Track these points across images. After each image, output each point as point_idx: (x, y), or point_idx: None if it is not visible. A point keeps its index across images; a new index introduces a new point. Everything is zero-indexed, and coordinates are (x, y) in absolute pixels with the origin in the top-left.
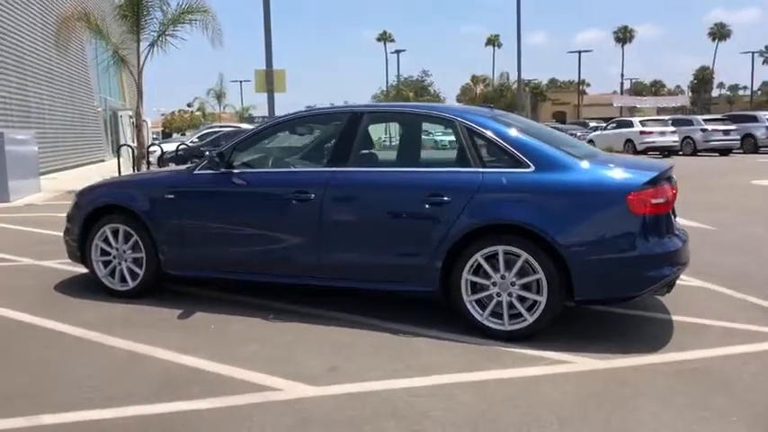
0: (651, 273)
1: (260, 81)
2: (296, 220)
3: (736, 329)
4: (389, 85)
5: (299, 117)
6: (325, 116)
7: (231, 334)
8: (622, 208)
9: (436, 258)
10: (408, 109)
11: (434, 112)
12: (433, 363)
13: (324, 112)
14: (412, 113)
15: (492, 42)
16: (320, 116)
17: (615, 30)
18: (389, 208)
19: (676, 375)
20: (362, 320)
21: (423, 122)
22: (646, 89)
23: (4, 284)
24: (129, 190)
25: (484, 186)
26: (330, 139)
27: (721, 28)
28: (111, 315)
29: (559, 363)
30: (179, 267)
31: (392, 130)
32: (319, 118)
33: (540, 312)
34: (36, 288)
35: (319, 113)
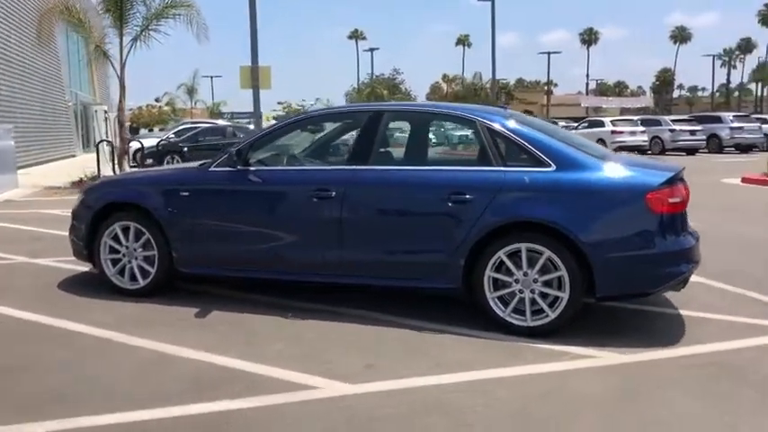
0: (669, 269)
1: (245, 77)
2: (317, 218)
3: (741, 323)
4: (361, 83)
5: (318, 115)
6: (344, 115)
7: (254, 333)
8: (642, 207)
9: (459, 255)
10: (429, 109)
11: (455, 112)
12: (461, 359)
13: (343, 110)
14: (432, 113)
15: (462, 42)
16: (339, 115)
17: (581, 32)
18: (412, 206)
19: (698, 368)
20: (382, 317)
21: (443, 122)
22: (610, 90)
23: (2, 284)
24: (142, 187)
25: (507, 185)
26: (350, 137)
27: (682, 31)
28: (124, 314)
29: (583, 357)
30: (194, 265)
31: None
32: (339, 116)
33: (563, 308)
34: (37, 287)
35: (339, 112)
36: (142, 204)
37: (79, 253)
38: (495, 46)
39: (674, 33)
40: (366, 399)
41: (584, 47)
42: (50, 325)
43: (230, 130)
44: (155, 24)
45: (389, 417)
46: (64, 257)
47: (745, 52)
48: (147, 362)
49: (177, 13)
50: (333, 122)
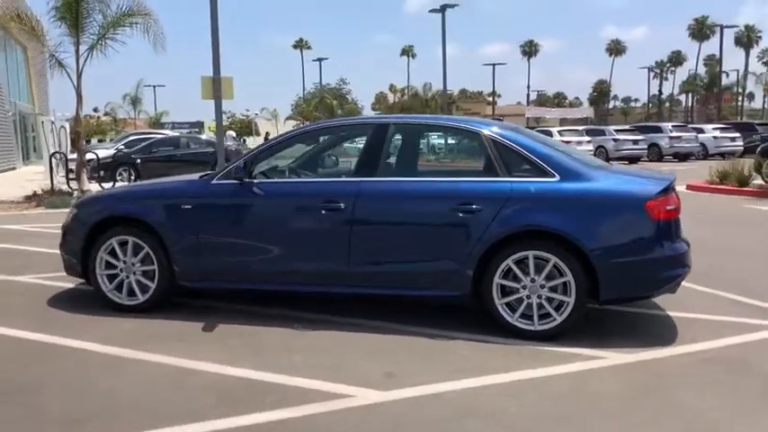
0: (667, 273)
1: (206, 88)
2: (325, 230)
3: (727, 322)
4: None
5: (323, 127)
6: (350, 127)
7: (266, 344)
8: (641, 214)
9: (469, 264)
10: (433, 121)
11: (459, 125)
12: (480, 364)
13: (349, 123)
14: (437, 125)
15: (406, 53)
16: (345, 127)
17: (522, 44)
18: (421, 216)
19: (700, 364)
20: (389, 326)
21: (447, 134)
22: (549, 101)
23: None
24: (141, 201)
25: (514, 195)
26: (355, 148)
27: (617, 44)
28: (127, 330)
29: (594, 358)
30: (198, 279)
31: (420, 142)
32: (344, 129)
33: (569, 312)
34: (28, 305)
35: (345, 124)
36: (143, 218)
37: (72, 269)
38: (445, 57)
39: (610, 46)
40: (400, 405)
41: (524, 58)
42: (54, 343)
43: (184, 141)
44: (112, 33)
45: (429, 421)
46: (45, 274)
47: (675, 65)
48: (166, 377)
49: (135, 21)
50: (338, 134)
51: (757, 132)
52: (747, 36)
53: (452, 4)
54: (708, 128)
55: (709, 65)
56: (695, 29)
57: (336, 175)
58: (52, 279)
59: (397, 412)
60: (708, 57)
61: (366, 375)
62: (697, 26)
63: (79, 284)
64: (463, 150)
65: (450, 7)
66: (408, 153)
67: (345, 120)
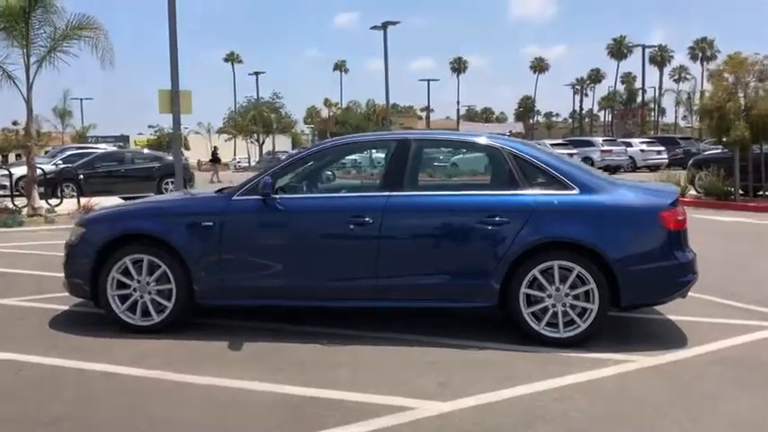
0: (680, 279)
1: (164, 101)
2: (353, 244)
3: (724, 324)
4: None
5: (346, 143)
6: (372, 142)
7: (304, 361)
8: (656, 224)
9: (496, 275)
10: (454, 137)
11: (479, 140)
12: (522, 372)
13: (371, 138)
14: (457, 140)
15: (339, 67)
16: (368, 142)
17: (451, 60)
18: (449, 229)
19: (722, 363)
20: (416, 338)
21: (467, 149)
22: (477, 116)
23: None
24: (158, 218)
25: (538, 207)
26: (378, 165)
27: (540, 62)
28: (150, 351)
29: (624, 362)
30: (219, 297)
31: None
32: (367, 144)
33: (593, 319)
34: (30, 329)
35: (367, 140)
36: (161, 236)
37: (78, 290)
38: (387, 72)
39: (534, 64)
40: (468, 414)
41: (453, 74)
42: (79, 368)
43: (129, 156)
44: (64, 46)
45: (501, 428)
46: (32, 296)
47: (595, 81)
48: (221, 399)
49: (87, 35)
50: (361, 150)
51: (680, 146)
52: (661, 55)
53: (394, 22)
54: (635, 142)
55: (627, 82)
56: (614, 48)
57: (360, 190)
58: (42, 301)
59: (469, 421)
60: (624, 74)
61: (419, 387)
62: (615, 45)
63: (74, 305)
64: (483, 165)
65: (392, 24)
66: (431, 167)
67: (368, 135)
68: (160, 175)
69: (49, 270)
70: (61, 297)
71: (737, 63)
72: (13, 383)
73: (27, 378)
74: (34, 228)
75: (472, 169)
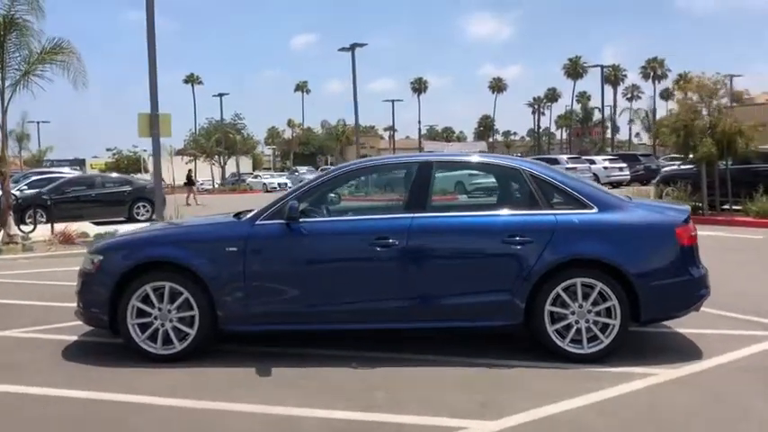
0: (696, 293)
1: (143, 125)
2: (379, 267)
3: (730, 335)
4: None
5: (367, 166)
6: (394, 165)
7: (339, 385)
8: (672, 240)
9: (521, 293)
10: (474, 159)
11: (499, 162)
12: (557, 389)
13: (394, 161)
14: (477, 163)
15: (301, 88)
16: (389, 165)
17: (412, 80)
18: (474, 250)
19: (741, 373)
20: (443, 359)
21: (487, 171)
22: (438, 135)
23: (9, 361)
24: (180, 244)
25: (559, 226)
26: (401, 186)
27: (499, 82)
28: (183, 380)
29: (648, 375)
30: (245, 323)
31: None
32: (389, 166)
33: (615, 334)
34: (44, 360)
35: (389, 163)
36: (183, 263)
37: (94, 320)
38: (356, 93)
39: (492, 84)
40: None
41: (414, 95)
42: (110, 400)
43: (99, 180)
44: (40, 69)
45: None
46: (35, 327)
47: (551, 101)
48: (274, 427)
49: (62, 59)
50: (384, 172)
51: (641, 162)
52: (614, 75)
53: (361, 44)
54: (598, 159)
55: (582, 101)
56: (570, 68)
57: (382, 212)
58: (45, 332)
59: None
60: (580, 93)
61: (462, 407)
62: (571, 65)
63: (83, 335)
64: (504, 186)
65: (359, 46)
66: (453, 189)
67: (390, 158)
68: (132, 199)
69: (42, 300)
70: (64, 327)
71: (701, 84)
72: (45, 419)
73: (59, 413)
74: (12, 256)
75: (493, 190)
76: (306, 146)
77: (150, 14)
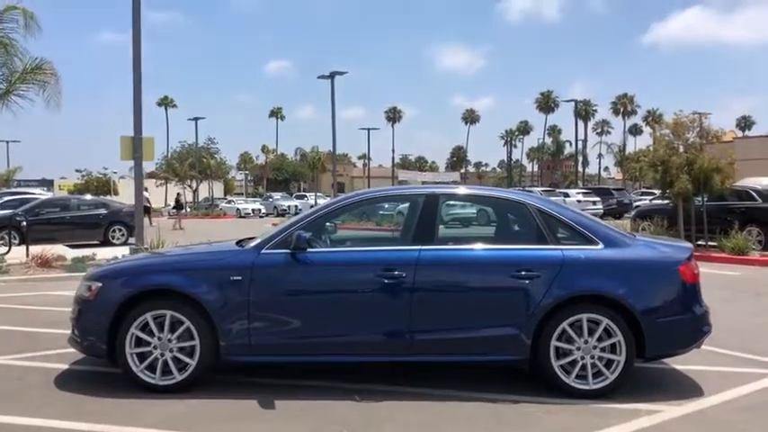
0: (698, 329)
1: (126, 148)
2: (386, 299)
3: (727, 372)
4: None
5: (373, 197)
6: (399, 197)
7: (346, 419)
8: (676, 277)
9: (528, 328)
10: (480, 192)
11: (506, 196)
12: (564, 426)
13: (398, 193)
14: (484, 196)
15: (275, 114)
16: (395, 196)
17: (386, 109)
18: (482, 284)
19: (745, 412)
20: (444, 393)
21: (494, 205)
22: (411, 165)
23: None
24: (182, 272)
25: (566, 262)
26: (407, 218)
27: (472, 113)
28: (185, 413)
29: (654, 412)
30: (246, 353)
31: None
32: (395, 198)
33: (621, 370)
34: (32, 389)
35: (394, 194)
36: (185, 291)
37: (91, 349)
38: (335, 121)
39: (465, 115)
40: None
41: (388, 123)
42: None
43: (74, 203)
44: (22, 89)
45: None
46: (21, 354)
47: (523, 133)
48: None
49: (42, 79)
50: (391, 202)
51: (613, 196)
52: (585, 110)
53: (342, 72)
54: (572, 192)
55: (553, 134)
56: (542, 101)
57: (387, 243)
58: (32, 360)
59: None
60: (551, 127)
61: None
62: (543, 99)
63: (72, 364)
64: (511, 220)
65: (340, 74)
66: (459, 222)
67: (396, 189)
68: (108, 222)
69: (25, 326)
70: (51, 355)
71: (678, 122)
72: None
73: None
74: None
75: (499, 224)
76: (279, 172)
77: (137, 38)
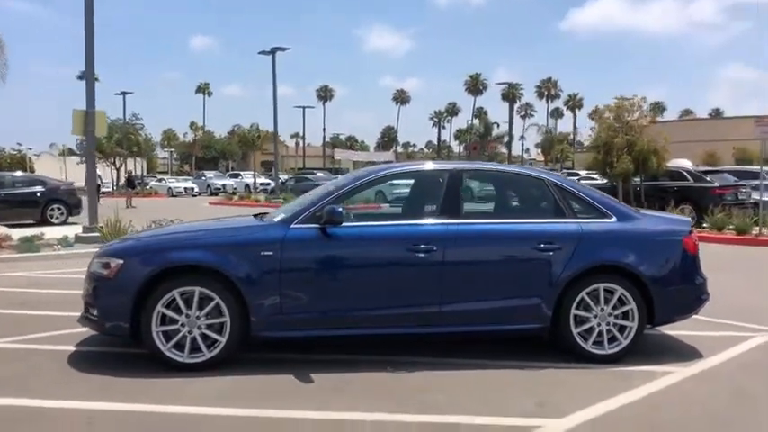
0: (700, 297)
1: (78, 122)
2: (417, 272)
3: (717, 336)
4: None
5: (400, 172)
6: (424, 172)
7: (390, 389)
8: (681, 248)
9: (550, 298)
10: (502, 168)
11: (525, 172)
12: (596, 388)
13: (423, 168)
14: (505, 172)
15: (203, 90)
16: (420, 171)
17: (318, 88)
18: (506, 256)
19: (744, 368)
20: (472, 362)
21: (515, 180)
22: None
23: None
24: (211, 248)
25: (585, 235)
26: (432, 194)
27: (402, 93)
28: (226, 389)
29: (667, 373)
30: (279, 328)
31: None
32: (421, 173)
33: (633, 335)
34: (53, 372)
35: (419, 169)
36: (216, 267)
37: (114, 328)
38: (276, 98)
39: (396, 95)
40: (595, 426)
41: (320, 102)
42: (159, 412)
43: (9, 180)
44: None
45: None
46: (17, 337)
47: (452, 115)
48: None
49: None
50: (414, 179)
51: None
52: (512, 93)
53: (284, 48)
54: None
55: (482, 117)
56: (471, 84)
57: (413, 218)
58: (32, 342)
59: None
60: (478, 109)
61: (523, 407)
62: (472, 82)
63: (78, 345)
64: (531, 195)
65: (281, 50)
66: (482, 197)
67: (420, 164)
68: (45, 200)
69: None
70: (46, 337)
71: (620, 106)
72: None
73: (108, 428)
74: None
75: (520, 199)
76: (208, 150)
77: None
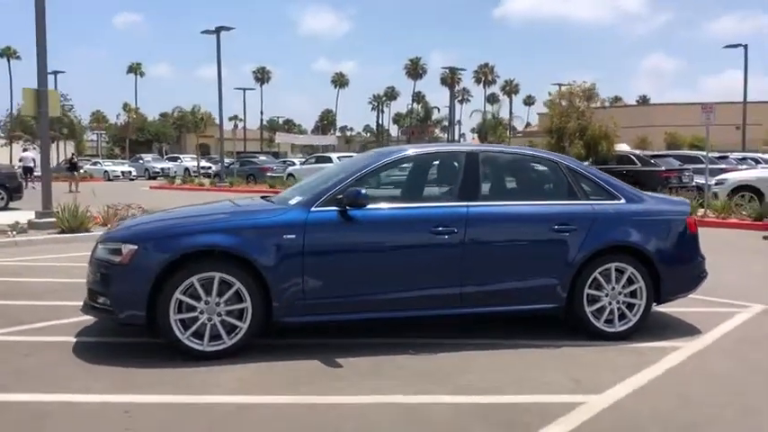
0: (701, 274)
1: (29, 101)
2: (439, 254)
3: (708, 312)
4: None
5: (420, 153)
6: (442, 154)
7: (422, 372)
8: (685, 227)
9: (566, 277)
10: (517, 150)
11: (540, 154)
12: (617, 364)
13: (440, 150)
14: (521, 154)
15: (134, 70)
16: (438, 154)
17: (254, 69)
18: (525, 237)
19: (742, 342)
20: (490, 342)
21: (530, 163)
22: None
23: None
24: (231, 231)
25: (598, 216)
26: (450, 176)
27: (341, 77)
28: (250, 378)
29: (677, 348)
30: (302, 313)
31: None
32: (438, 156)
33: (642, 313)
34: (66, 365)
35: (437, 152)
36: (237, 251)
37: (127, 317)
38: (221, 79)
39: (335, 78)
40: (635, 400)
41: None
42: (197, 403)
43: None
44: None
45: (667, 412)
46: (14, 327)
47: (390, 99)
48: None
49: None
50: (433, 161)
51: None
52: (452, 77)
53: (228, 27)
54: None
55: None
56: (410, 68)
57: (432, 200)
58: (19, 334)
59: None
60: (416, 93)
61: (560, 384)
62: (412, 66)
63: (79, 335)
64: (545, 177)
65: (226, 30)
66: (500, 179)
67: (436, 146)
68: (16, 187)
69: None
70: (43, 327)
71: (572, 91)
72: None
73: (150, 420)
74: None
75: (535, 181)
76: (141, 132)
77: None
